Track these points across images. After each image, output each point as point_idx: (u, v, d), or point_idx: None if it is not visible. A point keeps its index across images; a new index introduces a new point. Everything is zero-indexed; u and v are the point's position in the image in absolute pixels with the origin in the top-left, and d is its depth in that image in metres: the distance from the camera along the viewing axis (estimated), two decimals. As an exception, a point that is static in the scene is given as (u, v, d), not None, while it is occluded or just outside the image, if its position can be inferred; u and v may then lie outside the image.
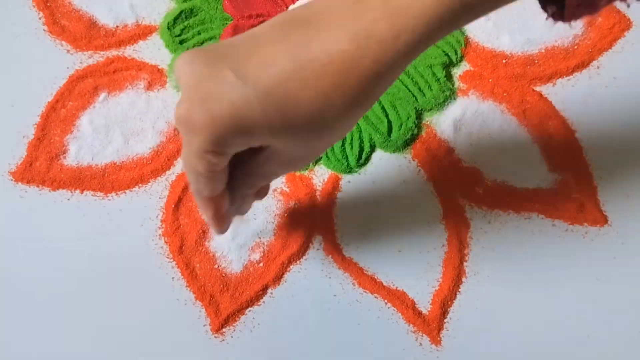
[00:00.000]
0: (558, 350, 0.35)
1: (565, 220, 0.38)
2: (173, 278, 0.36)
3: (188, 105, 0.23)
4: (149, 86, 0.41)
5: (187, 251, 0.37)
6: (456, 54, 0.42)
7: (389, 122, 0.40)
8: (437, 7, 0.22)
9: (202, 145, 0.23)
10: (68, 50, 0.42)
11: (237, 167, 0.27)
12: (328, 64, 0.22)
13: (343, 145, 0.40)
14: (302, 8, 0.24)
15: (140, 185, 0.39)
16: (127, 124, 0.40)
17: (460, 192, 0.39)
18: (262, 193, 0.32)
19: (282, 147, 0.24)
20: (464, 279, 0.37)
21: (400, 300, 0.36)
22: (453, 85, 0.41)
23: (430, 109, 0.41)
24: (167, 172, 0.39)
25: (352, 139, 0.40)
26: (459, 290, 0.37)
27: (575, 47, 0.43)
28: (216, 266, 0.37)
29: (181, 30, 0.43)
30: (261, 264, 0.37)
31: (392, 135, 0.40)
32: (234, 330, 0.35)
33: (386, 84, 0.24)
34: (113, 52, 0.42)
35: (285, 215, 0.38)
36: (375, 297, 0.36)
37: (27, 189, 0.38)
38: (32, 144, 0.39)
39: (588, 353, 0.35)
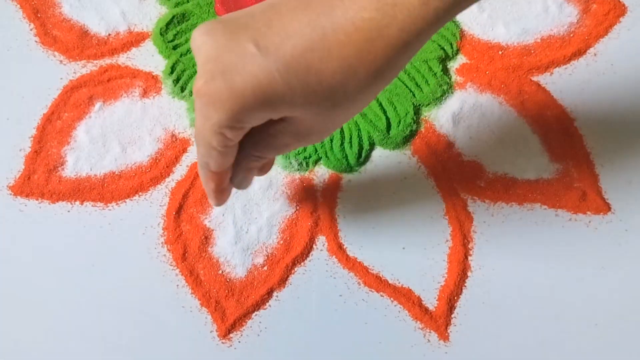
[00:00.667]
0: (566, 340, 0.35)
1: (568, 210, 0.38)
2: (177, 285, 0.36)
3: (207, 78, 0.22)
4: (144, 93, 0.41)
5: (190, 258, 0.37)
6: (452, 47, 0.42)
7: (387, 119, 0.40)
8: None
9: (221, 119, 0.22)
10: (61, 61, 0.42)
11: (247, 139, 0.26)
12: (352, 32, 0.21)
13: (342, 144, 0.39)
14: None
15: (140, 193, 0.38)
16: (124, 132, 0.40)
17: (462, 186, 0.39)
18: (265, 168, 0.31)
19: (301, 118, 0.24)
20: (469, 274, 0.37)
21: (406, 297, 0.36)
22: (450, 79, 0.41)
23: (428, 104, 0.40)
24: (167, 180, 0.39)
25: (351, 138, 0.39)
26: (465, 285, 0.37)
27: (571, 35, 0.42)
28: (220, 272, 0.37)
29: (174, 35, 0.42)
30: (265, 268, 0.37)
31: (391, 132, 0.39)
32: (241, 335, 0.35)
33: (411, 55, 0.23)
34: (106, 61, 0.42)
35: (288, 217, 0.38)
36: (381, 296, 0.36)
37: (27, 203, 0.38)
38: (29, 157, 0.39)
39: (597, 342, 0.35)
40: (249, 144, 0.26)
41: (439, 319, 0.36)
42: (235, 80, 0.22)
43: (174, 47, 0.42)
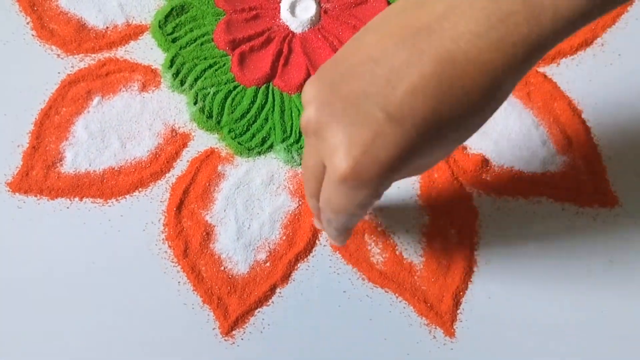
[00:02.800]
0: (574, 335, 0.35)
1: (575, 203, 0.38)
2: (179, 282, 0.36)
3: (353, 163, 0.22)
4: (143, 87, 0.40)
5: (191, 254, 0.36)
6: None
7: (391, 112, 0.39)
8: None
9: (371, 194, 0.23)
10: (58, 55, 0.41)
11: None
12: (476, 74, 0.21)
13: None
14: (416, 12, 0.22)
15: (140, 189, 0.38)
16: (123, 127, 0.39)
17: (467, 179, 0.38)
18: None
19: (423, 161, 0.24)
20: (475, 269, 0.36)
21: (411, 293, 0.36)
22: (454, 71, 0.41)
23: (432, 96, 0.40)
24: (167, 175, 0.38)
25: (354, 131, 0.39)
26: (471, 280, 0.36)
27: (578, 25, 0.42)
28: (222, 268, 0.36)
29: (173, 28, 0.42)
30: (268, 264, 0.36)
31: (394, 125, 0.39)
32: (244, 332, 0.35)
33: (521, 77, 0.23)
34: (104, 54, 0.41)
35: (290, 212, 0.37)
36: (386, 292, 0.36)
37: (25, 199, 0.37)
38: (27, 153, 0.38)
39: (605, 337, 0.35)
40: None
41: (444, 315, 0.35)
42: (380, 156, 0.22)
43: (173, 40, 0.41)
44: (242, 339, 0.35)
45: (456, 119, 0.22)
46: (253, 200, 0.38)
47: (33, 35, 0.42)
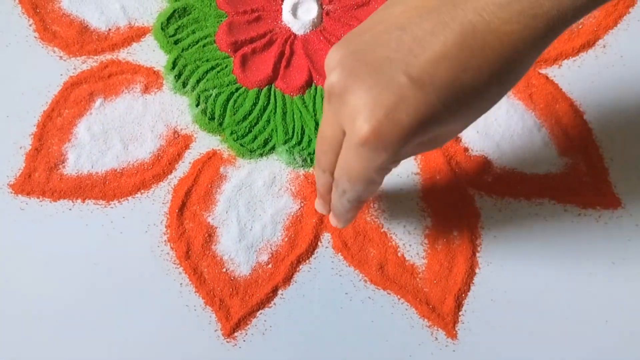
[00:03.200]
0: (576, 337, 0.35)
1: (578, 205, 0.38)
2: (181, 284, 0.36)
3: (375, 124, 0.22)
4: (146, 89, 0.40)
5: (193, 256, 0.36)
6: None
7: (393, 114, 0.39)
8: None
9: (389, 158, 0.23)
10: (61, 57, 0.41)
11: None
12: (499, 47, 0.22)
13: (347, 139, 0.39)
14: None
15: (142, 191, 0.38)
16: (125, 129, 0.39)
17: (469, 181, 0.38)
18: None
19: (442, 132, 0.24)
20: (477, 270, 0.36)
21: (413, 295, 0.36)
22: (456, 72, 0.41)
23: (434, 98, 0.40)
24: (169, 177, 0.38)
25: (355, 133, 0.39)
26: (473, 281, 0.36)
27: (580, 27, 0.42)
28: (224, 270, 0.36)
29: (175, 30, 0.42)
30: (270, 265, 0.36)
31: (396, 126, 0.39)
32: (246, 334, 0.35)
33: (540, 51, 0.24)
34: (107, 56, 0.41)
35: (292, 214, 0.37)
36: (388, 293, 0.36)
37: (28, 201, 0.37)
38: (29, 155, 0.38)
39: (607, 339, 0.35)
40: None
41: (446, 317, 0.35)
42: (402, 120, 0.22)
43: (175, 42, 0.41)
44: (244, 341, 0.35)
45: (477, 87, 0.22)
46: (255, 202, 0.38)
47: (36, 37, 0.42)
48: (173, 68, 0.40)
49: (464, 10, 0.22)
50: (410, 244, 0.37)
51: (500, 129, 0.39)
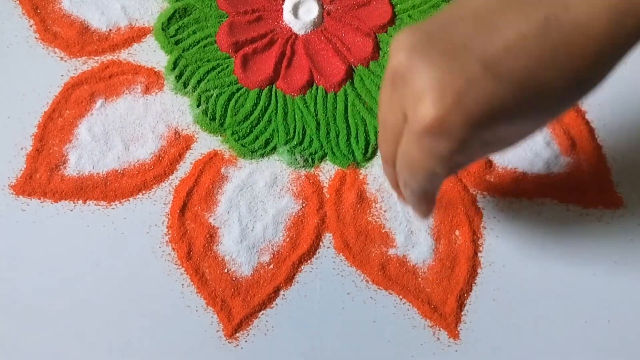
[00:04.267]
0: (579, 337, 0.35)
1: (580, 205, 0.38)
2: (183, 285, 0.36)
3: (440, 109, 0.21)
4: (146, 90, 0.40)
5: (195, 257, 0.36)
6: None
7: (394, 114, 0.39)
8: None
9: (454, 147, 0.22)
10: (61, 58, 0.41)
11: None
12: (584, 44, 0.21)
13: (348, 140, 0.39)
14: None
15: (143, 191, 0.38)
16: (126, 129, 0.39)
17: (471, 181, 0.38)
18: None
19: (514, 130, 0.23)
20: (479, 270, 0.36)
21: (415, 295, 0.36)
22: (457, 72, 0.40)
23: (436, 98, 0.40)
24: (170, 177, 0.38)
25: (357, 133, 0.39)
26: (475, 281, 0.36)
27: (581, 26, 0.42)
28: (226, 270, 0.36)
29: (176, 30, 0.42)
30: (271, 266, 0.36)
31: (397, 126, 0.39)
32: (248, 335, 0.35)
33: (625, 53, 0.22)
34: (108, 57, 0.41)
35: (294, 214, 0.37)
36: (390, 294, 0.36)
37: (29, 202, 0.37)
38: (30, 156, 0.38)
39: (609, 339, 0.35)
40: None
41: (448, 317, 0.35)
42: (470, 106, 0.21)
43: (176, 42, 0.41)
44: (245, 342, 0.35)
45: (554, 87, 0.21)
46: (256, 202, 0.38)
47: (36, 38, 0.42)
48: (174, 68, 0.40)
49: (550, 3, 0.21)
50: (412, 244, 0.37)
51: (502, 129, 0.39)
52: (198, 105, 0.39)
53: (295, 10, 0.42)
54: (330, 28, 0.42)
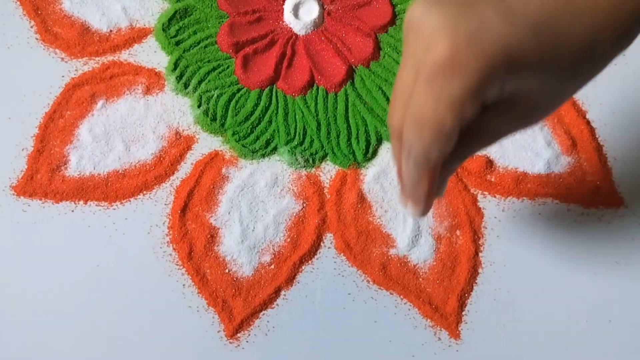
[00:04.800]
0: (580, 337, 0.35)
1: (581, 204, 0.38)
2: (184, 285, 0.36)
3: (453, 45, 0.20)
4: (147, 90, 0.40)
5: (196, 257, 0.36)
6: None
7: (395, 114, 0.39)
8: None
9: (464, 88, 0.21)
10: (62, 58, 0.41)
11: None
12: None
13: (349, 140, 0.39)
14: None
15: (144, 192, 0.38)
16: (127, 130, 0.39)
17: (472, 181, 0.38)
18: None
19: (528, 96, 0.22)
20: (480, 270, 0.36)
21: (416, 295, 0.36)
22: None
23: (436, 98, 0.40)
24: (171, 178, 0.38)
25: (358, 133, 0.39)
26: (476, 281, 0.36)
27: (582, 25, 0.42)
28: (227, 270, 0.36)
29: (176, 31, 0.42)
30: (272, 266, 0.36)
31: (398, 126, 0.39)
32: (249, 335, 0.35)
33: None
34: (108, 58, 0.41)
35: (294, 214, 0.37)
36: (391, 294, 0.36)
37: (30, 203, 0.37)
38: (31, 157, 0.38)
39: (610, 339, 0.35)
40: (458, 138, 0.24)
41: (449, 317, 0.35)
42: (484, 46, 0.20)
43: (177, 43, 0.41)
44: (246, 342, 0.35)
45: (572, 33, 0.21)
46: (257, 202, 0.38)
47: (37, 38, 0.42)
48: (175, 69, 0.40)
49: None
50: (412, 244, 0.37)
51: (503, 129, 0.39)
52: (199, 106, 0.40)
53: (295, 10, 0.42)
54: (330, 28, 0.42)
